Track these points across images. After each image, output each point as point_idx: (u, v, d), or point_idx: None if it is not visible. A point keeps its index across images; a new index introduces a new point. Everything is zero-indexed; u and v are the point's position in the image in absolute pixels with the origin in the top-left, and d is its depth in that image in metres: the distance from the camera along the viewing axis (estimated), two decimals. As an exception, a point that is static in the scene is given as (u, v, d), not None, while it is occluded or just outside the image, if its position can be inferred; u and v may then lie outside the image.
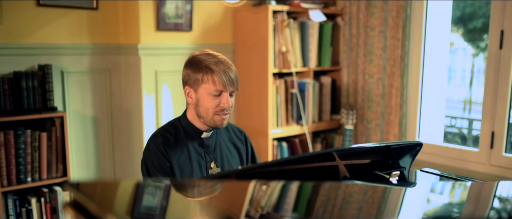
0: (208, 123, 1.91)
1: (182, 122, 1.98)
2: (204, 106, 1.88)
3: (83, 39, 3.09)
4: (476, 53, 8.04)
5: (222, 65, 1.86)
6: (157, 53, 3.20)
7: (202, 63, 1.87)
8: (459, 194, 1.49)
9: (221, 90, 1.86)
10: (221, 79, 1.84)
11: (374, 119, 3.63)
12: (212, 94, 1.86)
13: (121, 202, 1.03)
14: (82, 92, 3.13)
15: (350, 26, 3.68)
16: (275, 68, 3.43)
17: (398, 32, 3.38)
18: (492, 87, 3.05)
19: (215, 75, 1.84)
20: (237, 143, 2.09)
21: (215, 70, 1.84)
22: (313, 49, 3.61)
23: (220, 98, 1.87)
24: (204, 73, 1.85)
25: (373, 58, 3.58)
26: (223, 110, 1.88)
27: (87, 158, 3.20)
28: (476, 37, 7.67)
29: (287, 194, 1.39)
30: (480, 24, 7.16)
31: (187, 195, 1.32)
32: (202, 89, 1.87)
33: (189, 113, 1.97)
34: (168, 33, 3.24)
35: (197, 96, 1.89)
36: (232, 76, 1.86)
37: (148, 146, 1.92)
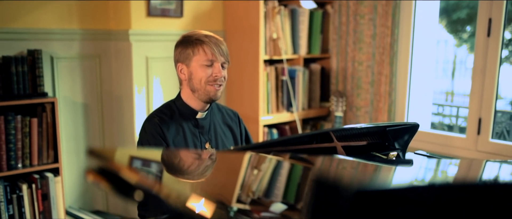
0: (202, 96, 1.92)
1: (177, 103, 1.99)
2: (197, 78, 1.91)
3: (73, 25, 3.05)
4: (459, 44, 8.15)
5: (212, 38, 1.92)
6: (147, 39, 3.18)
7: (192, 38, 1.92)
8: (454, 164, 1.52)
9: (212, 60, 1.89)
10: (211, 49, 1.88)
11: (363, 106, 3.67)
12: (204, 64, 1.89)
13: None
14: (72, 78, 3.10)
15: (340, 14, 3.71)
16: (266, 55, 3.44)
17: (387, 20, 3.42)
18: (479, 74, 3.11)
19: (205, 45, 1.89)
20: (231, 124, 2.11)
21: (205, 41, 1.89)
22: (303, 36, 3.63)
23: (212, 68, 1.90)
24: (194, 46, 1.90)
25: (363, 46, 3.62)
26: (215, 79, 1.90)
27: (77, 144, 3.18)
28: (459, 28, 7.78)
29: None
30: (464, 15, 7.26)
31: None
32: (194, 62, 1.91)
33: (184, 92, 1.98)
34: (159, 19, 3.22)
35: (189, 70, 1.92)
36: (222, 47, 1.92)
37: (144, 127, 1.92)
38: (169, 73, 3.32)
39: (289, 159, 1.42)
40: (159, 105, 3.22)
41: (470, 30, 7.55)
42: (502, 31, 3.02)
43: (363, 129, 1.84)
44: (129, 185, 0.86)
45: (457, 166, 1.48)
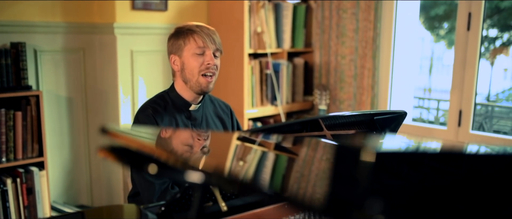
0: (194, 87, 1.93)
1: (170, 94, 2.00)
2: (189, 68, 1.91)
3: (56, 18, 3.02)
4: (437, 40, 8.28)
5: (203, 27, 1.93)
6: (132, 32, 3.17)
7: (183, 29, 1.94)
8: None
9: (203, 48, 1.90)
10: (202, 38, 1.89)
11: (346, 99, 3.72)
12: (196, 53, 1.90)
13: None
14: (55, 72, 3.07)
15: (323, 8, 3.75)
16: (250, 49, 3.46)
17: (370, 14, 3.47)
18: (460, 67, 3.18)
19: (196, 34, 1.90)
20: (223, 116, 2.12)
21: (196, 31, 1.91)
22: (287, 30, 3.66)
23: (204, 56, 1.91)
24: (185, 36, 1.91)
25: (345, 39, 3.66)
26: (208, 68, 1.90)
27: (61, 138, 3.15)
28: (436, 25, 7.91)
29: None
30: (442, 11, 7.38)
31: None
32: (185, 52, 1.92)
33: (177, 83, 1.98)
34: (144, 13, 3.21)
35: (181, 60, 1.93)
36: (213, 36, 1.92)
37: (138, 117, 1.92)
38: (154, 67, 3.32)
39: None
40: (144, 98, 3.22)
41: (447, 27, 7.70)
42: (481, 25, 3.10)
43: (351, 118, 1.88)
44: (143, 159, 0.87)
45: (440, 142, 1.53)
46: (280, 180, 0.93)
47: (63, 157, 3.17)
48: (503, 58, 7.09)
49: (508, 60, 7.23)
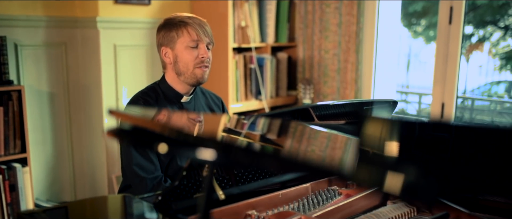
0: (188, 79, 1.91)
1: (161, 86, 1.97)
2: (183, 61, 1.89)
3: (37, 11, 2.97)
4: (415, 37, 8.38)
5: (195, 19, 1.90)
6: (115, 26, 3.13)
7: (175, 20, 1.90)
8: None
9: (197, 41, 1.88)
10: (196, 30, 1.87)
11: (330, 94, 3.74)
12: (189, 46, 1.87)
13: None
14: (37, 67, 3.01)
15: (306, 2, 3.76)
16: (234, 43, 3.45)
17: (353, 8, 3.49)
18: (442, 60, 3.23)
19: (189, 27, 1.87)
20: (215, 108, 2.11)
21: (189, 23, 1.88)
22: (270, 25, 3.66)
23: (198, 50, 1.88)
24: (178, 28, 1.88)
25: (329, 34, 3.68)
26: (202, 61, 1.88)
27: (44, 134, 3.09)
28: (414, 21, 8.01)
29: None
30: (420, 8, 7.47)
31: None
32: (178, 44, 1.89)
33: (168, 75, 1.96)
34: (127, 6, 3.17)
35: (174, 53, 1.90)
36: (206, 28, 1.90)
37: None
38: (138, 61, 3.28)
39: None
40: (127, 94, 3.18)
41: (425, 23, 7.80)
42: (463, 19, 3.15)
43: (341, 108, 1.88)
44: (153, 139, 0.86)
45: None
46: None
47: (45, 153, 3.11)
48: (478, 54, 7.23)
49: (483, 57, 7.38)
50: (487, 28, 7.08)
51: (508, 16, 6.97)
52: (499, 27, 7.08)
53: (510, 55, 6.91)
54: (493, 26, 7.05)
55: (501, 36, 7.04)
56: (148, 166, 1.84)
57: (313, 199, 1.57)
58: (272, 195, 1.50)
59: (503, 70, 6.96)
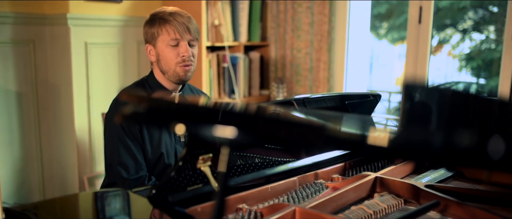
0: (172, 78, 1.87)
1: (149, 82, 1.93)
2: (164, 60, 1.85)
3: (4, 7, 2.86)
4: (379, 38, 8.54)
5: (176, 15, 1.84)
6: (86, 24, 3.05)
7: (156, 16, 1.86)
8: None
9: (177, 39, 1.83)
10: (175, 28, 1.82)
11: (302, 92, 3.76)
12: (170, 45, 1.83)
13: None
14: (4, 65, 2.90)
15: (278, 2, 3.77)
16: (208, 41, 3.42)
17: (324, 8, 3.53)
18: (412, 58, 3.30)
19: (168, 25, 1.82)
20: None
21: (168, 20, 1.82)
22: (243, 24, 3.65)
23: (179, 48, 1.84)
24: (158, 25, 1.84)
25: (301, 33, 3.70)
26: (183, 60, 1.84)
27: (11, 135, 2.98)
28: (377, 24, 8.16)
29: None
30: (384, 10, 7.62)
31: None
32: (159, 42, 1.85)
33: (156, 72, 1.92)
34: (98, 4, 3.10)
35: (156, 51, 1.87)
36: (187, 24, 1.84)
37: (116, 106, 1.84)
38: (110, 60, 3.21)
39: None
40: (99, 94, 3.11)
41: (386, 26, 7.96)
42: (432, 18, 3.23)
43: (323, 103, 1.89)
44: (169, 119, 0.83)
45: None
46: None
47: (13, 155, 3.00)
48: (437, 57, 7.44)
49: (442, 59, 7.60)
50: (447, 31, 7.28)
51: (467, 19, 7.21)
52: (458, 30, 7.30)
53: (469, 57, 7.14)
54: (452, 28, 7.27)
55: (460, 39, 7.27)
56: (132, 166, 1.80)
57: (301, 192, 1.57)
58: (262, 188, 1.49)
59: (462, 70, 7.18)
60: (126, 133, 1.81)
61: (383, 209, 1.43)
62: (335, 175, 1.75)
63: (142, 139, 1.84)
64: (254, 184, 1.51)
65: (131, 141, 1.81)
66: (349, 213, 1.38)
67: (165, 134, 1.90)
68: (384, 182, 1.59)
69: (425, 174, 1.73)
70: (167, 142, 1.90)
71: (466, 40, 7.21)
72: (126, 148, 1.80)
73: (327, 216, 1.27)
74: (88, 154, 3.11)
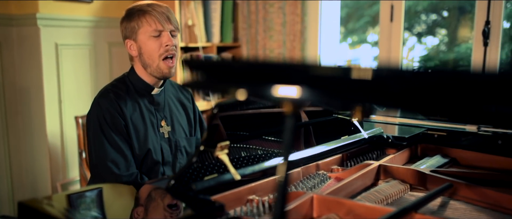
0: (155, 72, 1.81)
1: (130, 78, 1.86)
2: (147, 53, 1.78)
3: (-31, 7, 2.72)
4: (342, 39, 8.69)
5: (155, 6, 1.79)
6: (57, 24, 2.94)
7: (134, 9, 1.80)
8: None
9: (159, 30, 1.77)
10: (156, 18, 1.76)
11: (276, 93, 3.75)
12: (152, 36, 1.77)
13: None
14: (-31, 68, 2.76)
15: (248, 3, 3.76)
16: (182, 42, 3.37)
17: (296, 8, 3.55)
18: (385, 55, 3.36)
19: (148, 15, 1.76)
20: (184, 101, 2.03)
21: (148, 10, 1.77)
22: (216, 24, 3.62)
23: (161, 38, 1.77)
24: (138, 17, 1.77)
25: (273, 33, 3.71)
26: (167, 50, 1.78)
27: (-22, 142, 2.83)
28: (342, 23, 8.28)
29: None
30: (344, 14, 7.76)
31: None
32: (140, 35, 1.78)
33: (137, 67, 1.85)
34: (68, 4, 3.00)
35: (138, 45, 1.80)
36: (167, 14, 1.79)
37: (99, 103, 1.76)
38: (81, 61, 3.10)
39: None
40: (72, 96, 3.00)
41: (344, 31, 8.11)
42: (403, 16, 3.31)
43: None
44: (231, 84, 0.79)
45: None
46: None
47: (-21, 163, 2.84)
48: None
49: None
50: (404, 35, 7.51)
51: (421, 23, 7.46)
52: (413, 34, 7.55)
53: (425, 59, 7.38)
54: (408, 32, 7.51)
55: (417, 41, 7.51)
56: (123, 162, 1.73)
57: (306, 182, 1.55)
58: (269, 179, 1.47)
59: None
60: (111, 129, 1.74)
61: (393, 193, 1.43)
62: (334, 166, 1.75)
63: (128, 135, 1.77)
64: (262, 175, 1.48)
65: (117, 137, 1.75)
66: (362, 198, 1.38)
67: (150, 130, 1.84)
68: (388, 169, 1.60)
69: (421, 161, 1.75)
70: (153, 138, 1.84)
71: (421, 44, 7.46)
72: (113, 144, 1.74)
73: (346, 200, 1.26)
74: (61, 159, 2.99)
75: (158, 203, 1.25)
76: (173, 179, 1.14)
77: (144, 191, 1.39)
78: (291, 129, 0.79)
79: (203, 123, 2.10)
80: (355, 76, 0.76)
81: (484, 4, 2.94)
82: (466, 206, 1.36)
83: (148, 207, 1.26)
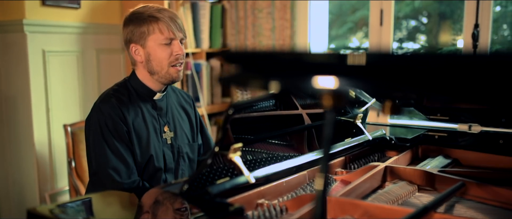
0: (162, 78, 1.77)
1: (132, 83, 1.81)
2: (156, 60, 1.74)
3: (-47, 13, 2.64)
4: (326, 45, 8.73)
5: (165, 12, 1.75)
6: (44, 30, 2.87)
7: (144, 14, 1.74)
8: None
9: (171, 38, 1.73)
10: (168, 26, 1.72)
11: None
12: (163, 43, 1.73)
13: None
14: (-47, 76, 2.67)
15: (237, 8, 3.74)
16: (171, 48, 3.32)
17: (286, 12, 3.53)
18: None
19: (161, 23, 1.72)
20: (186, 106, 1.99)
21: (160, 18, 1.72)
22: (205, 30, 3.59)
23: (172, 46, 1.74)
24: (149, 23, 1.72)
25: (262, 39, 3.69)
26: (177, 58, 1.75)
27: (-38, 153, 2.73)
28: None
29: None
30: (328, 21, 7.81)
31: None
32: (150, 41, 1.73)
33: (140, 73, 1.81)
34: (55, 9, 2.93)
35: (146, 51, 1.75)
36: (178, 21, 1.76)
37: (100, 108, 1.71)
38: (69, 69, 3.03)
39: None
40: (59, 104, 2.92)
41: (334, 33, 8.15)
42: (392, 20, 3.32)
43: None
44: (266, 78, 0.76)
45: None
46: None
47: (-36, 174, 2.75)
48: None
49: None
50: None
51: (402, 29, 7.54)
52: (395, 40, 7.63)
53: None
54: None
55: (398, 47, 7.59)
56: (124, 170, 1.68)
57: (312, 186, 1.53)
58: (277, 183, 1.44)
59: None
60: (113, 135, 1.70)
61: (403, 194, 1.42)
62: (338, 169, 1.73)
63: (130, 141, 1.73)
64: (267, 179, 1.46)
65: (119, 143, 1.70)
66: (373, 199, 1.36)
67: (153, 136, 1.80)
68: (395, 171, 1.59)
69: (424, 162, 1.75)
70: (156, 144, 1.80)
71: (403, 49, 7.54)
72: (115, 151, 1.69)
73: (361, 202, 1.24)
74: (49, 169, 2.91)
75: (167, 207, 1.21)
76: (187, 183, 1.10)
77: (147, 197, 1.35)
78: (332, 124, 0.77)
79: (204, 128, 2.06)
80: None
81: (472, 6, 2.97)
82: (478, 205, 1.35)
83: (156, 212, 1.22)
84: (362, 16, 4.95)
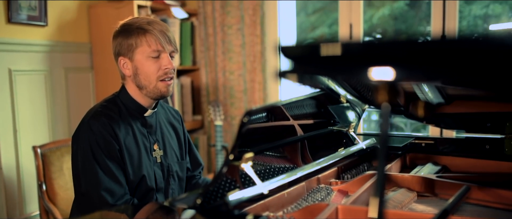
0: (151, 93, 1.70)
1: (122, 99, 1.74)
2: (144, 74, 1.67)
3: None
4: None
5: (155, 24, 1.68)
6: (10, 49, 2.75)
7: (132, 26, 1.67)
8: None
9: (159, 51, 1.66)
10: (157, 39, 1.64)
11: (238, 115, 3.71)
12: (151, 57, 1.65)
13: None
14: None
15: (206, 25, 3.72)
16: (142, 65, 3.26)
17: (256, 29, 3.54)
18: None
19: (149, 35, 1.65)
20: (175, 123, 1.93)
21: (149, 29, 1.65)
22: (175, 47, 3.54)
23: (160, 60, 1.66)
24: (136, 36, 1.65)
25: (232, 55, 3.68)
26: (166, 73, 1.68)
27: None
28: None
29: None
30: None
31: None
32: (138, 54, 1.66)
33: (129, 87, 1.74)
34: (21, 27, 2.82)
35: (134, 64, 1.68)
36: (168, 34, 1.69)
37: (90, 126, 1.62)
38: (37, 88, 2.91)
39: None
40: (27, 125, 2.80)
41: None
42: (362, 34, 3.39)
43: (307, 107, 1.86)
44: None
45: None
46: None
47: None
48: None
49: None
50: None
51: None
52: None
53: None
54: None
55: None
56: (117, 190, 1.61)
57: (313, 196, 1.52)
58: (279, 195, 1.42)
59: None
60: (105, 154, 1.62)
61: (406, 201, 1.42)
62: (332, 180, 1.73)
63: (122, 160, 1.66)
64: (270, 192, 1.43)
65: (111, 163, 1.63)
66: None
67: (144, 155, 1.74)
68: (392, 178, 1.59)
69: (416, 170, 1.77)
70: (147, 164, 1.74)
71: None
72: (107, 171, 1.61)
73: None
74: (18, 194, 2.76)
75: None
76: (202, 196, 1.06)
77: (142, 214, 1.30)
78: (388, 123, 0.75)
79: (192, 145, 2.01)
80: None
81: (439, 11, 3.07)
82: (480, 208, 1.37)
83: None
84: (321, 34, 5.05)
